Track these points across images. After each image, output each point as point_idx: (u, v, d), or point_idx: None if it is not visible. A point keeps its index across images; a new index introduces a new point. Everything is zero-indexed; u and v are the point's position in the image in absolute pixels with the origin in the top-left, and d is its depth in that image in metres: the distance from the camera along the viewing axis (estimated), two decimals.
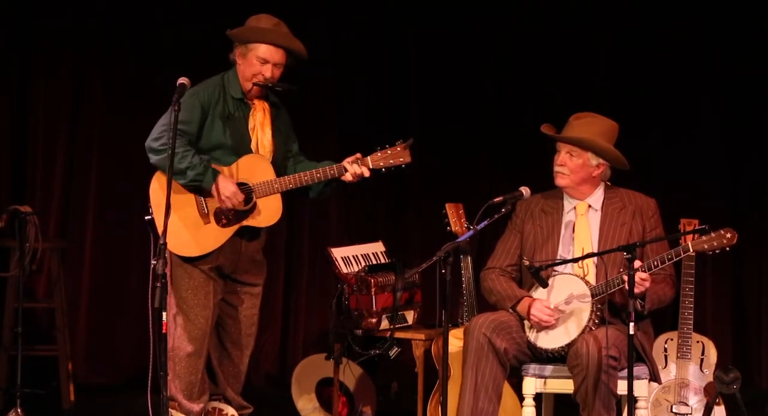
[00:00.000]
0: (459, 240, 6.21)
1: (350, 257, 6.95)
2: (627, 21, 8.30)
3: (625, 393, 5.86)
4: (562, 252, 6.21)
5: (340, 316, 6.79)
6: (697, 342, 6.94)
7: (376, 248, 7.10)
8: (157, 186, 6.38)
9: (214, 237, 6.34)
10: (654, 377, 6.17)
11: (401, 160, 6.50)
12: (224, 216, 6.37)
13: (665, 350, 6.94)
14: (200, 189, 6.35)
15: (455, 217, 6.84)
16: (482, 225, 6.01)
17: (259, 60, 6.39)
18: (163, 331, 5.84)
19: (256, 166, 6.39)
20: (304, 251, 8.43)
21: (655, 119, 8.31)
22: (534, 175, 6.47)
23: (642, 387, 6.06)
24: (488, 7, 8.35)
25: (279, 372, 8.35)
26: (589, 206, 6.26)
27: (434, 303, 5.94)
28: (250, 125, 6.45)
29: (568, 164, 6.20)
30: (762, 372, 8.30)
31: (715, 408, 6.70)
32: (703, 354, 6.94)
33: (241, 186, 6.37)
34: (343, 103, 8.42)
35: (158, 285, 5.81)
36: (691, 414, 6.85)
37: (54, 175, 8.27)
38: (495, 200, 6.09)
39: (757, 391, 8.04)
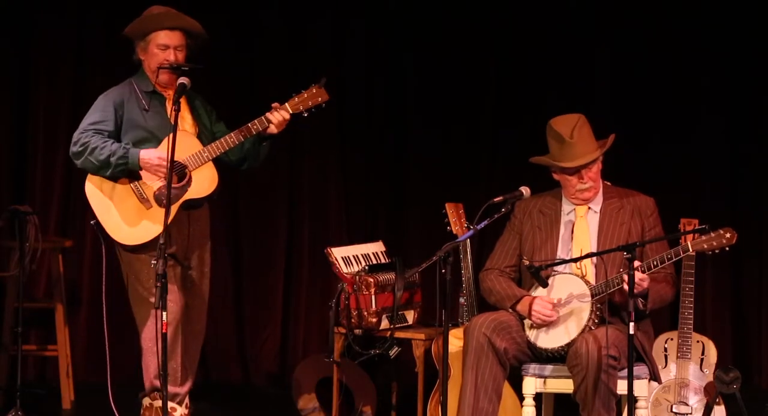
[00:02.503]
0: (459, 240, 6.21)
1: (350, 257, 6.94)
2: (627, 22, 8.29)
3: (625, 392, 5.86)
4: (561, 253, 6.20)
5: (340, 316, 6.79)
6: (697, 341, 6.94)
7: (376, 248, 7.10)
8: (92, 187, 6.44)
9: (160, 219, 6.26)
10: (654, 377, 6.17)
11: (319, 99, 6.56)
12: (164, 198, 6.36)
13: (665, 350, 6.94)
14: (132, 174, 6.38)
15: (455, 217, 6.83)
16: (482, 225, 6.01)
17: (160, 47, 6.45)
18: (164, 331, 5.85)
19: (181, 142, 6.35)
20: (304, 251, 8.43)
21: (655, 120, 8.30)
22: (534, 174, 6.47)
23: (642, 387, 6.06)
24: (489, 8, 8.34)
25: (279, 372, 8.34)
26: (588, 207, 6.26)
27: (434, 303, 5.94)
28: (170, 113, 6.45)
29: (591, 176, 6.18)
30: (762, 372, 8.29)
31: (715, 408, 6.70)
32: (703, 353, 6.93)
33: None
34: (344, 103, 8.41)
35: (158, 285, 5.82)
36: (691, 413, 6.84)
37: (54, 175, 8.27)
38: (495, 200, 6.09)
39: (757, 391, 8.04)
